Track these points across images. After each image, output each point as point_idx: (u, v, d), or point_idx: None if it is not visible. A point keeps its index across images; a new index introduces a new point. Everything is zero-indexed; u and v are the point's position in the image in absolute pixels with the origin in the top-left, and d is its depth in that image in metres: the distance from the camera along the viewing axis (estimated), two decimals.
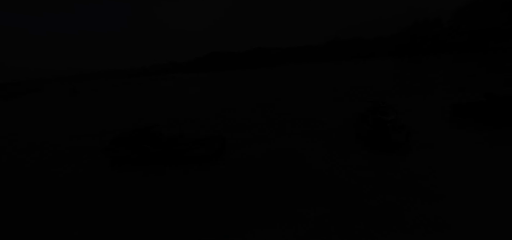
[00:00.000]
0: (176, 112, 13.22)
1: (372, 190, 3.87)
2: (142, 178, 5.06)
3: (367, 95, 13.19)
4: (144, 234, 3.32)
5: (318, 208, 3.53)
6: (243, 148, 6.41)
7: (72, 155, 7.00)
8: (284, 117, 9.55)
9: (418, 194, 3.66)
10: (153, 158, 5.70)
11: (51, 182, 5.30)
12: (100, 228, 3.57)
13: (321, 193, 3.91)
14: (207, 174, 4.95)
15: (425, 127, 6.68)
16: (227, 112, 11.88)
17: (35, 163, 6.64)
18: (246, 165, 5.25)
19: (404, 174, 4.28)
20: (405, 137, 5.35)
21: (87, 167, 5.93)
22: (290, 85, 23.39)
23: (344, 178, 4.32)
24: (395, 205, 3.45)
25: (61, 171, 5.89)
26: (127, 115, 13.86)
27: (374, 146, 5.54)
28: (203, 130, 8.65)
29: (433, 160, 4.71)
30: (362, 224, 3.12)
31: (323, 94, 15.45)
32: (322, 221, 3.25)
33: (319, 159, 5.20)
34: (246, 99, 16.00)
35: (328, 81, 23.59)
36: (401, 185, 3.94)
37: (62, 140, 8.80)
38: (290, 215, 3.41)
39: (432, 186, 3.83)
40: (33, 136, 9.97)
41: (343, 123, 7.84)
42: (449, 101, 9.17)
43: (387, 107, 6.36)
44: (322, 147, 5.88)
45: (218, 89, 26.03)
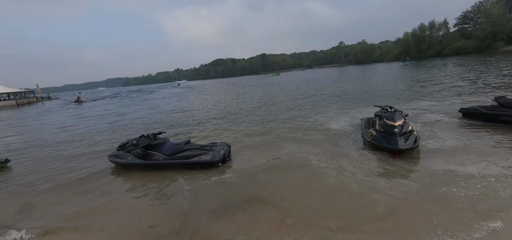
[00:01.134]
0: (182, 119, 13.32)
1: (379, 196, 3.77)
2: (148, 182, 5.07)
3: (374, 100, 13.05)
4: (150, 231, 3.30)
5: (323, 214, 3.45)
6: (250, 154, 6.38)
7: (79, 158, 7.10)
8: (289, 122, 9.52)
9: (428, 200, 3.55)
10: (159, 164, 5.71)
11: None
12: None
13: (326, 200, 3.83)
14: (214, 174, 4.93)
15: (434, 132, 6.54)
16: (231, 117, 11.92)
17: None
18: (251, 169, 5.22)
19: (412, 179, 4.17)
20: (414, 142, 5.24)
21: (94, 171, 5.99)
22: (294, 90, 23.39)
23: (350, 184, 4.23)
24: (403, 212, 3.34)
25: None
26: (135, 123, 14.00)
27: (382, 152, 5.43)
28: (209, 137, 8.66)
29: (442, 165, 4.58)
30: (370, 232, 3.03)
31: (329, 99, 15.37)
32: (331, 233, 3.16)
33: (324, 165, 5.12)
34: (252, 104, 16.05)
35: (333, 86, 23.48)
36: (410, 191, 3.84)
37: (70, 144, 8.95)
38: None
39: (444, 192, 3.72)
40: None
41: (350, 129, 7.75)
42: (458, 105, 8.98)
43: (395, 111, 6.28)
44: (328, 152, 5.80)
45: (223, 95, 26.20)
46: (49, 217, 4.19)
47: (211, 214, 3.74)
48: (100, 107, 25.86)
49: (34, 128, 14.61)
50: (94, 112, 21.29)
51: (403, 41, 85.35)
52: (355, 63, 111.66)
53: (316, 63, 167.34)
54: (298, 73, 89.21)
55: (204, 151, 5.76)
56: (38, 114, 24.03)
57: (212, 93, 31.19)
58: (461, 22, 70.76)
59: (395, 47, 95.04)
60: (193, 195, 4.41)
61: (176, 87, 69.01)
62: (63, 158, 7.61)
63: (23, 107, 36.87)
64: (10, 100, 42.14)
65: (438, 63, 38.92)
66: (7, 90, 43.84)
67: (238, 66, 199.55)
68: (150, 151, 5.96)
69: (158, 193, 4.64)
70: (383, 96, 14.13)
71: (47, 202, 4.74)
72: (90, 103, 32.94)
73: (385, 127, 5.63)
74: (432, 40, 75.57)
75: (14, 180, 6.08)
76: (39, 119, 19.51)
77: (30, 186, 5.62)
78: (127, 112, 19.22)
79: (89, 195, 4.86)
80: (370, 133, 5.87)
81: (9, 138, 12.16)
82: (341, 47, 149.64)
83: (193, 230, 3.39)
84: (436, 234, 2.89)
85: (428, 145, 5.64)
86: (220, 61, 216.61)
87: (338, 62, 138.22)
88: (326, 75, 46.54)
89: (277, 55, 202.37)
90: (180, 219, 3.68)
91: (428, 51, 73.83)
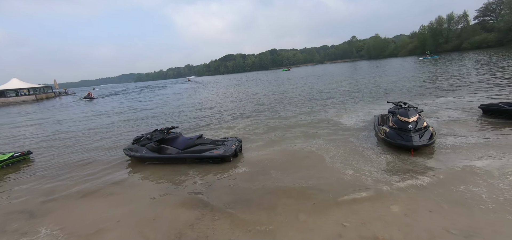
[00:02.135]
0: (194, 114, 13.51)
1: (394, 193, 3.71)
2: (163, 174, 5.20)
3: (388, 96, 12.73)
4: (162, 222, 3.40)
5: (337, 211, 3.43)
6: (261, 149, 6.41)
7: (96, 151, 7.36)
8: (302, 118, 9.46)
9: (446, 199, 3.45)
10: (172, 158, 5.84)
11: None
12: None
13: (340, 196, 3.80)
14: (226, 168, 5.00)
15: (451, 129, 6.32)
16: (242, 112, 11.97)
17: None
18: (263, 164, 5.24)
19: (429, 177, 4.07)
20: (429, 138, 5.09)
21: (111, 164, 6.20)
22: (305, 85, 23.14)
23: (365, 181, 4.18)
24: (419, 210, 3.27)
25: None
26: (148, 118, 14.33)
27: (396, 149, 5.31)
28: (221, 132, 8.75)
29: (460, 163, 4.43)
30: (385, 229, 2.99)
31: (340, 95, 15.13)
32: (341, 226, 3.14)
33: (337, 160, 5.07)
34: (262, 100, 16.04)
35: (345, 81, 23.06)
36: (426, 189, 3.74)
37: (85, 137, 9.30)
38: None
39: (462, 191, 3.60)
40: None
41: (362, 125, 7.62)
42: (477, 102, 8.62)
43: (409, 107, 6.11)
44: (340, 148, 5.73)
45: (233, 90, 26.31)
46: (69, 206, 4.39)
47: (225, 207, 3.80)
48: (113, 103, 26.56)
49: (52, 122, 15.24)
50: (107, 107, 21.93)
51: (419, 35, 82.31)
52: (368, 58, 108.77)
53: (327, 58, 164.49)
54: (309, 68, 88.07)
55: (216, 146, 5.84)
56: (56, 108, 25.02)
57: (222, 89, 31.39)
58: (482, 14, 67.26)
59: (410, 41, 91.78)
60: (207, 188, 4.49)
61: (187, 82, 69.93)
62: (80, 150, 7.91)
63: (42, 101, 38.47)
64: (30, 95, 44.09)
65: (456, 58, 37.36)
66: (27, 86, 45.85)
67: (248, 62, 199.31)
68: (163, 145, 6.10)
69: (173, 185, 4.76)
70: (397, 92, 13.75)
71: (67, 191, 4.96)
72: (102, 99, 31.79)
73: (399, 123, 5.50)
74: (450, 34, 72.47)
75: (36, 171, 6.39)
76: (57, 113, 20.32)
77: (51, 176, 5.90)
78: (140, 107, 19.68)
79: (107, 187, 5.04)
80: (383, 129, 5.75)
81: (31, 131, 12.76)
82: (353, 41, 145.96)
83: (208, 223, 3.46)
84: (453, 234, 2.82)
85: (445, 142, 5.47)
86: (230, 56, 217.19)
87: (350, 57, 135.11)
88: (338, 71, 45.74)
89: (288, 50, 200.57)
90: (195, 212, 3.76)
91: (446, 45, 70.91)
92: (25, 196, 4.98)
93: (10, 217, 4.19)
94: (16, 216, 4.21)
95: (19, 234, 3.68)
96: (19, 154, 7.07)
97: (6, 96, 42.16)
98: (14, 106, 32.77)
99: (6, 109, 28.70)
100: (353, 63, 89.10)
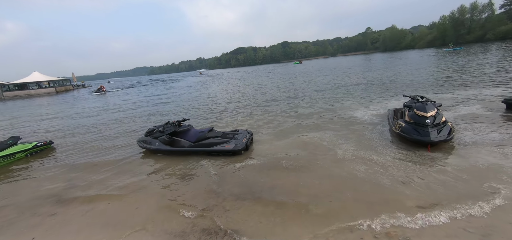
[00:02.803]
0: (206, 107, 13.65)
1: (410, 191, 3.61)
2: (175, 166, 5.33)
3: (405, 89, 12.31)
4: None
5: (350, 205, 3.39)
6: (272, 142, 6.41)
7: (113, 142, 7.63)
8: (314, 111, 9.35)
9: (462, 197, 3.33)
10: (184, 151, 5.96)
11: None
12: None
13: (352, 191, 3.75)
14: (238, 161, 5.06)
15: (472, 124, 6.04)
16: (254, 105, 11.97)
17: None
18: (274, 157, 5.25)
19: (449, 174, 3.92)
20: (448, 134, 4.89)
21: (126, 154, 6.42)
22: (318, 78, 22.76)
23: (378, 176, 4.09)
24: (436, 208, 3.18)
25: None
26: (159, 110, 14.63)
27: (412, 144, 5.15)
28: (232, 125, 8.81)
29: (479, 160, 4.24)
30: (399, 227, 2.93)
31: (356, 88, 14.79)
32: (356, 224, 3.11)
33: (350, 155, 4.99)
34: (274, 93, 15.95)
35: (358, 74, 22.47)
36: (446, 186, 3.62)
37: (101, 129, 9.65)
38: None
39: (486, 189, 3.46)
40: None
41: (376, 120, 7.43)
42: (501, 96, 8.16)
43: (427, 101, 5.89)
44: (353, 142, 5.63)
45: (244, 83, 26.31)
46: (89, 192, 4.61)
47: (236, 199, 3.85)
48: (126, 96, 27.25)
49: (71, 113, 15.90)
50: (122, 101, 22.57)
51: (439, 26, 78.51)
52: (383, 50, 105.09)
53: (341, 50, 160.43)
54: (321, 61, 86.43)
55: (227, 139, 5.89)
56: (74, 100, 26.06)
57: (234, 82, 31.45)
58: (510, 3, 62.96)
59: (429, 32, 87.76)
60: (219, 180, 4.56)
61: (198, 75, 70.59)
62: (97, 140, 8.23)
63: (61, 94, 40.13)
64: (50, 87, 46.10)
65: (479, 50, 35.38)
66: (47, 79, 47.90)
67: (259, 55, 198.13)
68: (175, 138, 6.23)
69: (185, 176, 4.87)
70: (413, 86, 13.25)
71: (87, 179, 5.20)
72: (116, 93, 31.23)
73: (416, 117, 5.31)
74: (473, 24, 68.56)
75: (58, 159, 6.73)
76: (74, 105, 21.17)
77: (72, 165, 6.19)
78: (153, 101, 20.11)
79: (122, 176, 5.23)
80: (399, 124, 5.58)
81: (51, 122, 13.39)
82: (368, 33, 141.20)
83: (221, 213, 3.52)
84: (470, 233, 2.72)
85: (464, 138, 5.24)
86: (241, 49, 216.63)
87: (364, 50, 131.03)
88: (351, 63, 44.58)
89: (299, 43, 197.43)
90: (207, 202, 3.84)
91: (468, 36, 67.24)
92: (50, 182, 5.29)
93: (39, 201, 4.47)
94: (44, 200, 4.49)
95: (49, 215, 3.95)
96: (41, 143, 7.45)
97: (28, 89, 44.33)
98: (36, 98, 34.40)
99: (29, 101, 30.21)
100: (367, 55, 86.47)
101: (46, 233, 3.52)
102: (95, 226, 3.57)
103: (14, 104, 28.25)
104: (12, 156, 6.68)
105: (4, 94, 41.68)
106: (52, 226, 3.67)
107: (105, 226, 3.54)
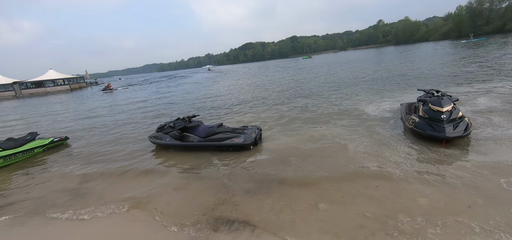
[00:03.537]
0: (215, 103, 13.74)
1: (424, 187, 3.52)
2: (186, 161, 5.41)
3: (418, 83, 11.94)
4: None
5: (360, 200, 3.34)
6: (281, 137, 6.38)
7: (126, 138, 7.82)
8: (324, 106, 9.23)
9: (479, 195, 3.21)
10: (194, 146, 6.02)
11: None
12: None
13: (363, 187, 3.69)
14: (247, 156, 5.08)
15: (490, 119, 5.79)
16: (263, 101, 11.94)
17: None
18: (283, 152, 5.23)
19: (468, 171, 3.79)
20: (465, 130, 4.70)
21: (138, 149, 6.56)
22: (328, 73, 22.42)
23: (390, 172, 4.00)
24: (454, 207, 3.08)
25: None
26: (168, 107, 14.84)
27: (426, 140, 5.00)
28: (241, 121, 8.83)
29: (498, 157, 4.06)
30: (410, 224, 2.86)
31: (369, 82, 14.48)
32: (362, 216, 3.06)
33: (361, 150, 4.90)
34: (283, 89, 15.85)
35: (370, 68, 21.96)
36: (456, 183, 3.50)
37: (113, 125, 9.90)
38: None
39: (496, 187, 3.32)
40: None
41: (388, 115, 7.25)
42: None
43: (442, 96, 5.68)
44: (364, 138, 5.52)
45: (253, 79, 26.26)
46: (106, 185, 4.75)
47: (246, 194, 3.86)
48: (135, 93, 27.72)
49: (85, 110, 16.39)
50: (130, 99, 23.01)
51: (455, 17, 75.27)
52: (396, 43, 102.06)
53: (351, 44, 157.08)
54: (331, 55, 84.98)
55: (236, 134, 5.91)
56: (87, 98, 26.81)
57: (242, 78, 31.45)
58: None
59: (444, 23, 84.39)
60: (228, 175, 4.59)
61: (207, 71, 71.02)
62: (110, 136, 8.45)
63: (76, 91, 41.41)
64: (65, 85, 47.66)
65: (499, 41, 33.76)
66: (62, 77, 49.49)
67: (267, 50, 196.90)
68: (186, 133, 6.30)
69: (195, 171, 4.94)
70: (427, 79, 12.83)
71: (101, 173, 5.36)
72: (124, 90, 30.43)
73: (430, 113, 5.13)
74: (491, 14, 65.34)
75: (74, 155, 6.96)
76: (88, 102, 21.78)
77: (87, 160, 6.39)
78: (163, 97, 20.41)
79: (135, 171, 5.36)
80: (412, 119, 5.42)
81: (66, 118, 13.85)
82: (380, 26, 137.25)
83: (230, 207, 3.55)
84: (486, 230, 2.62)
85: (482, 134, 5.03)
86: (249, 45, 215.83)
87: (375, 43, 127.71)
88: (362, 57, 43.60)
89: (308, 37, 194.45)
90: (217, 197, 3.88)
91: (486, 27, 64.20)
92: (67, 176, 5.49)
93: (57, 194, 4.65)
94: (62, 193, 4.66)
95: (68, 206, 4.13)
96: (58, 139, 7.73)
97: (45, 86, 45.99)
98: (51, 96, 35.62)
99: (45, 99, 31.33)
100: (378, 49, 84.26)
101: (63, 226, 3.66)
102: (108, 214, 3.68)
103: (31, 101, 29.39)
104: (30, 151, 6.96)
105: (22, 92, 43.42)
106: (69, 216, 3.82)
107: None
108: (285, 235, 2.91)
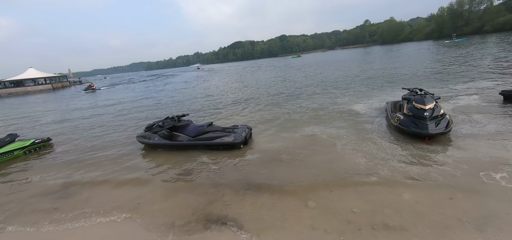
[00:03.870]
0: (204, 102, 13.61)
1: (409, 182, 3.65)
2: (175, 161, 5.34)
3: (403, 82, 12.33)
4: None
5: (349, 197, 3.43)
6: (271, 136, 6.42)
7: (111, 138, 7.61)
8: (311, 105, 9.36)
9: (458, 189, 3.37)
10: (184, 145, 5.96)
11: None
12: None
13: (351, 185, 3.79)
14: (237, 155, 5.07)
15: (469, 116, 6.08)
16: (252, 100, 11.95)
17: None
18: (273, 151, 5.27)
19: (449, 165, 3.96)
20: (446, 126, 4.92)
21: (125, 150, 6.41)
22: (316, 73, 22.72)
23: (378, 169, 4.12)
24: (436, 200, 3.22)
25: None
26: (157, 107, 14.57)
27: (410, 137, 5.18)
28: (231, 120, 8.80)
29: (476, 152, 4.28)
30: (395, 218, 2.97)
31: (357, 81, 14.79)
32: (350, 212, 3.14)
33: (349, 148, 5.02)
34: (272, 88, 15.92)
35: (356, 68, 22.45)
36: (438, 177, 3.66)
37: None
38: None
39: (475, 180, 3.50)
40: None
41: (374, 113, 7.45)
42: (498, 88, 8.20)
43: (425, 94, 5.90)
44: (352, 135, 5.66)
45: (243, 78, 26.21)
46: (91, 188, 4.61)
47: (236, 193, 3.87)
48: (119, 94, 27.03)
49: (69, 110, 15.80)
50: (114, 98, 22.40)
51: (437, 18, 78.27)
52: (381, 43, 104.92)
53: (339, 44, 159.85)
54: (320, 55, 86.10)
55: (226, 133, 5.89)
56: (70, 97, 25.83)
57: (232, 76, 31.31)
58: None
59: (427, 24, 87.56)
60: (218, 174, 4.58)
61: (196, 70, 70.20)
62: (96, 137, 8.19)
63: (58, 90, 39.78)
64: (47, 84, 45.68)
65: (477, 41, 35.38)
66: (44, 75, 47.42)
67: (257, 49, 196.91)
68: (175, 133, 6.22)
69: (185, 171, 4.88)
70: (410, 78, 13.27)
71: (87, 175, 5.19)
72: (109, 90, 29.71)
73: (414, 110, 5.33)
74: (471, 16, 68.41)
75: (57, 156, 6.70)
76: (71, 102, 21.00)
77: (71, 162, 6.17)
78: (151, 96, 20.00)
79: (122, 170, 5.23)
80: (397, 117, 5.60)
81: (49, 119, 13.29)
82: (367, 26, 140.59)
83: (221, 206, 3.55)
84: (466, 223, 2.76)
85: (462, 130, 5.28)
86: (238, 43, 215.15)
87: (362, 43, 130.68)
88: (349, 57, 44.48)
89: (297, 36, 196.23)
90: (207, 196, 3.86)
91: (466, 28, 67.16)
92: (49, 178, 5.26)
93: (39, 198, 4.46)
94: (43, 197, 4.47)
95: (51, 211, 3.96)
96: (39, 140, 7.41)
97: (24, 85, 43.91)
98: (32, 95, 34.09)
99: (25, 98, 29.94)
100: (365, 48, 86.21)
101: (47, 228, 3.53)
102: (95, 218, 3.58)
103: (10, 101, 28.00)
104: (10, 154, 6.65)
105: (0, 92, 41.26)
106: (52, 221, 3.68)
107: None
108: (276, 232, 2.95)
